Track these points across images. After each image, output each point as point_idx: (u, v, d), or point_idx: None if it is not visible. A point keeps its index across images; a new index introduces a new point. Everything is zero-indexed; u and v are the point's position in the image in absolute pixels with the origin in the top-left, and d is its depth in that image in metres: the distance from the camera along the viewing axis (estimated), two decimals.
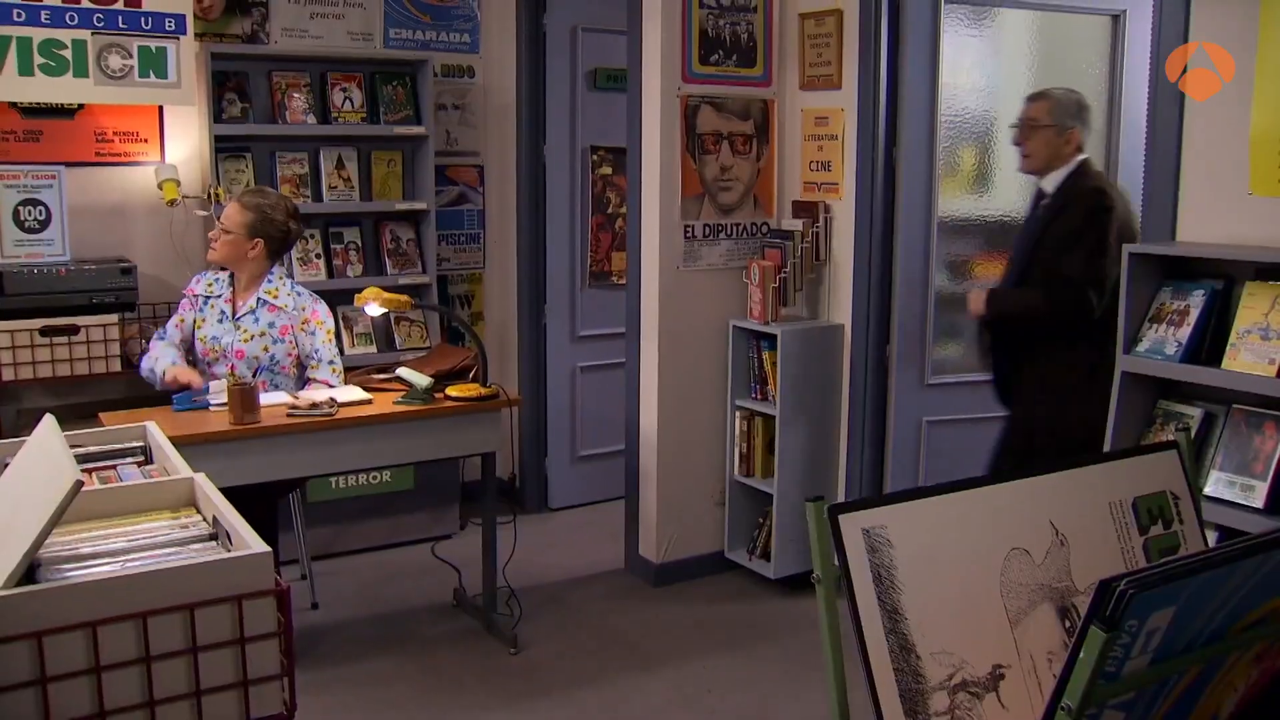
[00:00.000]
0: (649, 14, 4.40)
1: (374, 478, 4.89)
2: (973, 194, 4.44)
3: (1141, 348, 3.24)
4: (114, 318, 4.35)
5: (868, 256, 4.29)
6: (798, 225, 4.48)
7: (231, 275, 4.00)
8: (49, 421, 1.80)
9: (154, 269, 4.67)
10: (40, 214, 4.34)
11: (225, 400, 3.55)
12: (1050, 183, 3.82)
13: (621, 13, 4.60)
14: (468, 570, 4.38)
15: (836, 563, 1.71)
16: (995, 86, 4.43)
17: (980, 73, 4.39)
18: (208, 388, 3.75)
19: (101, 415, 3.53)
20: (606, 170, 5.46)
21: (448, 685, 3.79)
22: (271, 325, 3.92)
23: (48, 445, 1.69)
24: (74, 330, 4.27)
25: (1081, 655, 1.36)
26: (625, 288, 4.76)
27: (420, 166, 5.09)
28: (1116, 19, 4.42)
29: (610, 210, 5.51)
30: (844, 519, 1.72)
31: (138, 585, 1.46)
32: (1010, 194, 4.50)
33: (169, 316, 4.54)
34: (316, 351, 3.97)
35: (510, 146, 5.45)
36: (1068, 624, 1.86)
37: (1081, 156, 3.79)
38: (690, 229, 4.49)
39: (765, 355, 4.47)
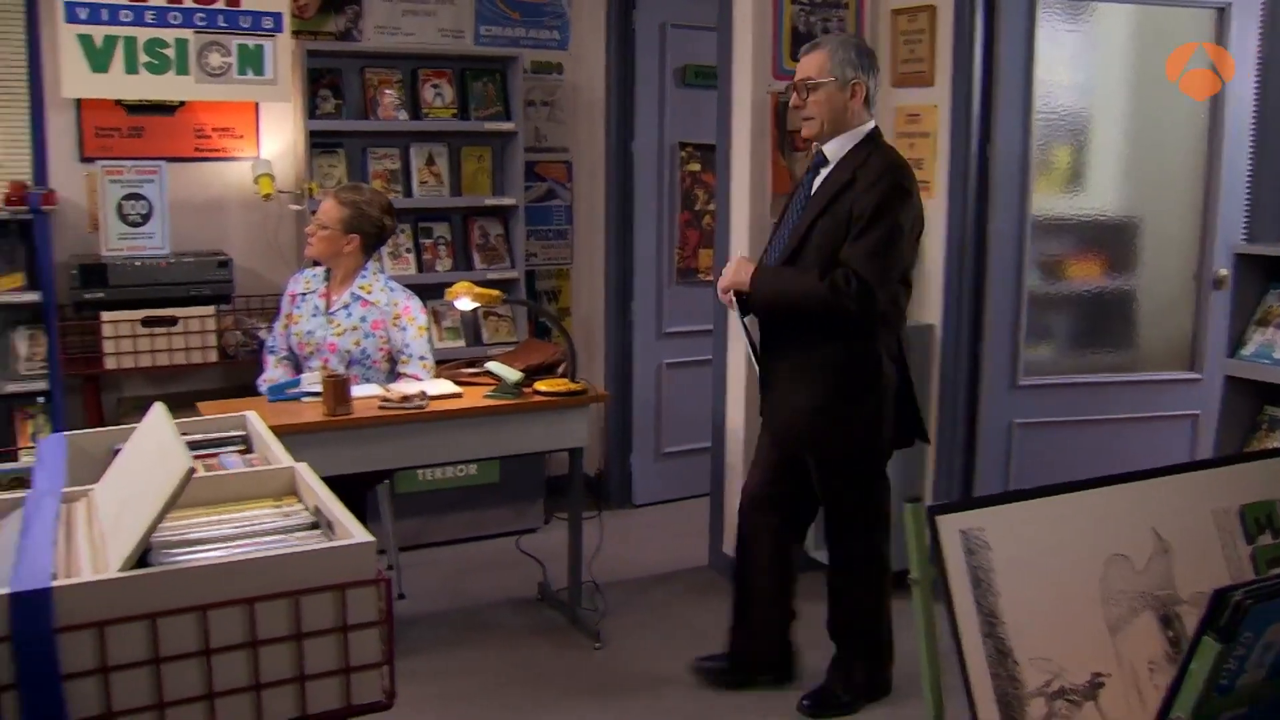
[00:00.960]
0: (739, 10, 4.38)
1: (460, 470, 4.95)
2: (1067, 193, 4.35)
3: (1247, 351, 3.16)
4: (210, 309, 4.46)
5: (959, 255, 4.23)
6: None
7: (327, 270, 4.07)
8: (160, 409, 1.83)
9: (249, 262, 4.77)
10: (143, 208, 4.46)
11: (319, 391, 3.61)
12: (833, 150, 3.34)
13: (711, 9, 4.59)
14: (551, 564, 4.41)
15: (933, 564, 1.69)
16: (1092, 83, 4.34)
17: (1077, 69, 4.30)
18: (300, 380, 3.82)
19: (198, 404, 3.61)
20: (694, 167, 5.46)
21: (532, 678, 3.82)
22: (364, 320, 3.98)
23: (159, 432, 1.73)
24: (173, 321, 4.38)
25: (1193, 666, 1.33)
26: (712, 284, 4.75)
27: (509, 162, 5.14)
28: (1221, 12, 4.29)
29: (698, 207, 5.50)
30: (942, 520, 1.69)
31: (246, 571, 1.49)
32: (1106, 193, 4.41)
33: (262, 309, 4.65)
34: (408, 346, 4.01)
35: (599, 143, 5.47)
36: (1170, 633, 1.81)
37: (872, 124, 3.35)
38: None
39: None
